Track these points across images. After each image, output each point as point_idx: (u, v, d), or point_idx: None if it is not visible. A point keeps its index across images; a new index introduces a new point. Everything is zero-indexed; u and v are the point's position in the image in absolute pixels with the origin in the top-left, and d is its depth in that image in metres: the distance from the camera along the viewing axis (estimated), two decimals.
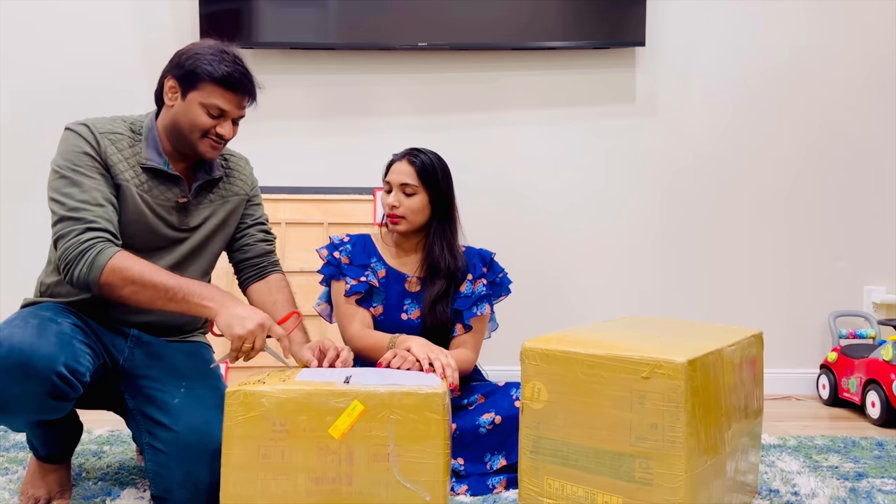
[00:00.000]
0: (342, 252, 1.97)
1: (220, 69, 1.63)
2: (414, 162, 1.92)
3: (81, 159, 1.61)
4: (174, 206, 1.72)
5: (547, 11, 2.83)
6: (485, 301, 1.96)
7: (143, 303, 1.55)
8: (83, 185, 1.59)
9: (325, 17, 2.84)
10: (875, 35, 2.90)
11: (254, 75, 1.71)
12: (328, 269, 1.97)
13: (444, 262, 1.93)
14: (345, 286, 1.93)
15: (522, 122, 2.95)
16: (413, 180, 1.91)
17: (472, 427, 1.83)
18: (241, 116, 1.72)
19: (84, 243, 1.54)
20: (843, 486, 1.83)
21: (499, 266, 2.03)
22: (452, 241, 1.96)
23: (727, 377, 1.47)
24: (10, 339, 1.44)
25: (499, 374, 2.13)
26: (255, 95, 1.72)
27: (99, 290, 1.54)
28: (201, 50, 1.66)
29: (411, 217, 1.92)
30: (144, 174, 1.68)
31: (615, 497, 1.38)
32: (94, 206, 1.58)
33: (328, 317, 2.04)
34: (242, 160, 1.90)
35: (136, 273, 1.53)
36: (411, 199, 1.91)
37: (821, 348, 2.94)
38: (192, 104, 1.65)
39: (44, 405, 1.47)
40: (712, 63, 2.93)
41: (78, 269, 1.53)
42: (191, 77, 1.64)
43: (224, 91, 1.65)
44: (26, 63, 2.90)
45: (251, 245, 1.87)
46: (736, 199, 2.95)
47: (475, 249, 2.03)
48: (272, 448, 1.43)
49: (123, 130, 1.69)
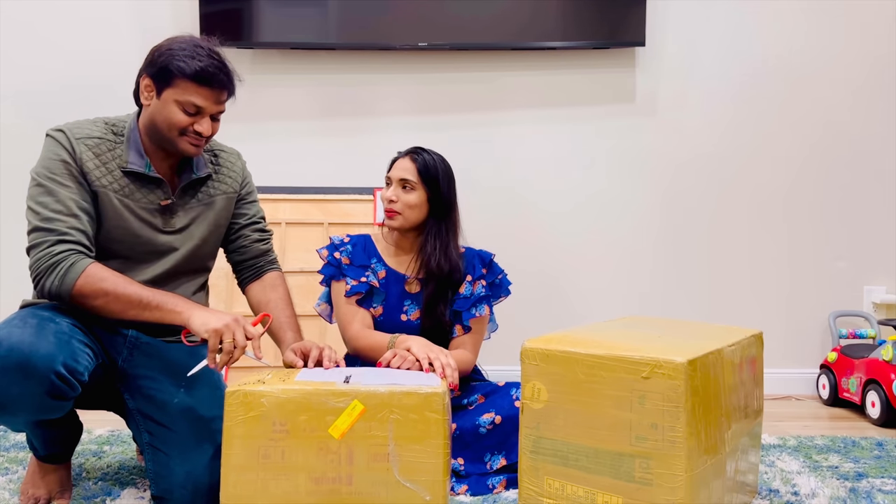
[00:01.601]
0: (342, 252, 1.97)
1: (193, 65, 1.59)
2: (416, 159, 1.94)
3: (57, 167, 1.60)
4: (157, 208, 1.70)
5: (547, 11, 2.83)
6: (483, 302, 1.96)
7: (115, 313, 1.55)
8: (57, 195, 1.58)
9: (325, 17, 2.84)
10: (875, 35, 2.90)
11: (232, 68, 1.66)
12: (328, 269, 1.97)
13: (434, 261, 1.92)
14: (345, 286, 1.93)
15: (522, 122, 2.95)
16: (412, 176, 1.92)
17: (472, 427, 1.83)
18: (221, 111, 1.68)
19: (56, 256, 1.54)
20: (843, 486, 1.83)
21: (498, 267, 2.03)
22: (448, 242, 1.95)
23: (727, 377, 1.47)
24: (9, 339, 1.44)
25: (499, 374, 2.13)
26: (233, 89, 1.67)
27: (71, 301, 1.55)
28: (174, 46, 1.61)
29: (407, 213, 1.92)
30: (125, 178, 1.66)
31: (615, 497, 1.38)
32: (67, 217, 1.57)
33: (328, 317, 2.04)
34: (233, 155, 1.87)
35: (110, 285, 1.54)
36: (409, 195, 1.91)
37: (821, 348, 2.94)
38: (168, 102, 1.62)
39: (43, 404, 1.47)
40: (712, 63, 2.93)
41: (49, 282, 1.53)
42: (164, 74, 1.60)
43: (198, 87, 1.61)
44: (26, 63, 2.90)
45: (246, 247, 1.86)
46: (736, 198, 2.95)
47: (475, 250, 2.03)
48: (272, 448, 1.43)
49: (103, 134, 1.66)
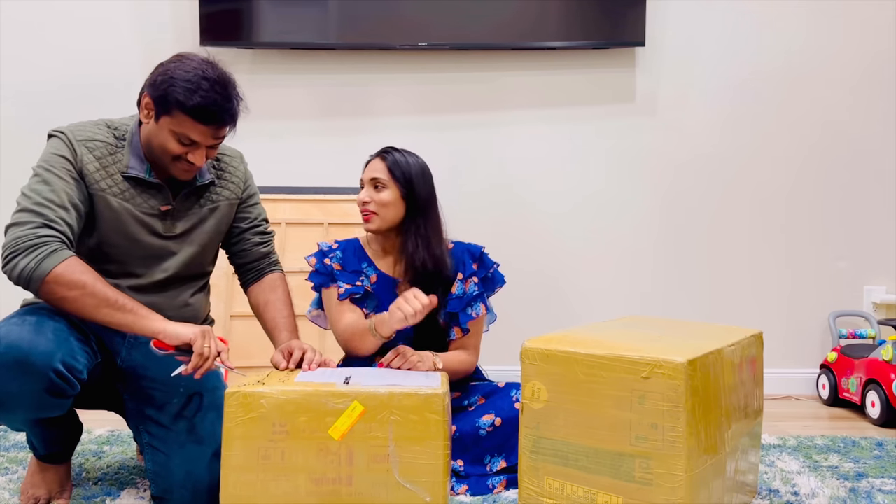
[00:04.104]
0: (333, 259, 1.93)
1: (193, 100, 1.54)
2: (386, 158, 1.91)
3: (57, 161, 1.59)
4: (158, 213, 1.69)
5: (547, 12, 2.83)
6: (478, 301, 1.93)
7: (86, 308, 1.49)
8: (53, 185, 1.56)
9: (325, 17, 2.84)
10: (874, 34, 2.89)
11: (236, 101, 1.61)
12: (319, 277, 1.93)
13: (418, 260, 1.88)
14: (337, 290, 1.89)
15: (522, 122, 2.95)
16: (383, 175, 1.88)
17: (472, 429, 1.82)
18: (218, 143, 1.65)
19: (39, 238, 1.49)
20: (843, 486, 1.83)
21: (490, 260, 1.97)
22: (430, 238, 1.89)
23: (727, 377, 1.47)
24: (8, 337, 1.44)
25: (499, 374, 2.12)
26: (234, 123, 1.63)
27: (39, 288, 1.48)
28: (177, 73, 1.56)
29: (382, 212, 1.88)
30: (126, 182, 1.65)
31: (615, 497, 1.38)
32: (58, 207, 1.54)
33: (322, 323, 2.00)
34: (236, 158, 1.85)
35: (89, 279, 1.50)
36: (381, 193, 1.88)
37: (821, 348, 2.94)
38: (164, 129, 1.59)
39: (42, 402, 1.47)
40: (712, 63, 2.92)
41: (25, 262, 1.47)
42: (163, 101, 1.57)
43: (195, 123, 1.56)
44: (26, 62, 2.90)
45: (247, 250, 1.86)
46: (736, 198, 2.95)
47: (464, 245, 1.97)
48: (272, 449, 1.44)
49: (105, 137, 1.65)
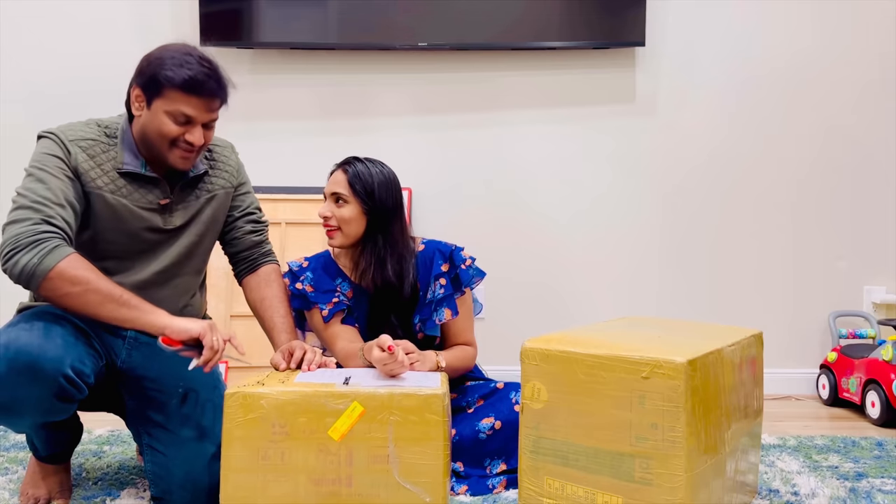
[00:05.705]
0: (305, 281, 1.87)
1: (182, 73, 1.55)
2: (347, 170, 1.84)
3: (51, 161, 1.58)
4: (156, 207, 1.69)
5: (547, 12, 2.83)
6: (444, 305, 1.86)
7: (90, 304, 1.49)
8: (48, 183, 1.55)
9: (325, 17, 2.84)
10: (877, 35, 2.89)
11: (224, 74, 1.62)
12: (296, 301, 1.87)
13: (369, 276, 1.83)
14: (319, 313, 1.84)
15: (522, 123, 2.95)
16: (344, 189, 1.82)
17: (472, 433, 1.81)
18: (213, 120, 1.65)
19: (40, 234, 1.49)
20: (843, 486, 1.83)
21: (460, 257, 1.88)
22: (385, 255, 1.82)
23: (727, 377, 1.47)
24: (17, 342, 1.44)
25: (499, 373, 2.12)
26: (225, 97, 1.63)
27: (41, 284, 1.48)
28: (164, 55, 1.58)
29: (345, 228, 1.82)
30: (122, 178, 1.64)
31: (615, 497, 1.38)
32: (54, 205, 1.54)
33: (318, 346, 1.90)
34: (227, 148, 1.85)
35: (93, 275, 1.50)
36: (342, 208, 1.82)
37: (821, 348, 2.94)
38: (158, 112, 1.59)
39: (51, 407, 1.47)
40: (713, 63, 2.92)
41: (27, 258, 1.46)
42: (153, 84, 1.57)
43: (187, 96, 1.57)
44: (26, 63, 2.90)
45: (239, 238, 1.85)
46: (736, 198, 2.95)
47: (434, 245, 1.90)
48: (272, 449, 1.44)
49: (97, 136, 1.65)
